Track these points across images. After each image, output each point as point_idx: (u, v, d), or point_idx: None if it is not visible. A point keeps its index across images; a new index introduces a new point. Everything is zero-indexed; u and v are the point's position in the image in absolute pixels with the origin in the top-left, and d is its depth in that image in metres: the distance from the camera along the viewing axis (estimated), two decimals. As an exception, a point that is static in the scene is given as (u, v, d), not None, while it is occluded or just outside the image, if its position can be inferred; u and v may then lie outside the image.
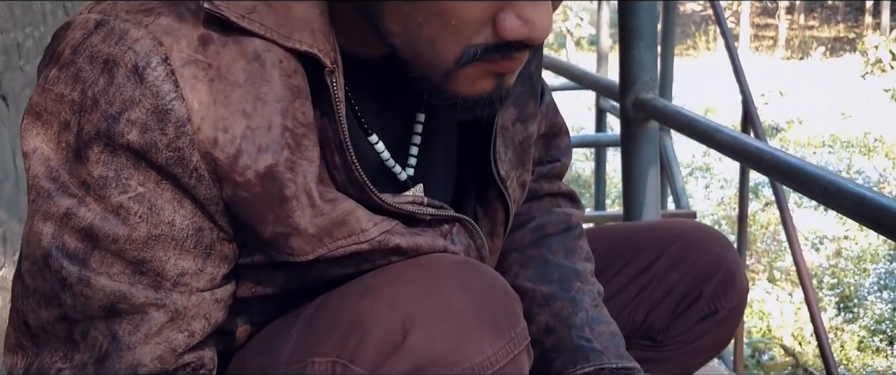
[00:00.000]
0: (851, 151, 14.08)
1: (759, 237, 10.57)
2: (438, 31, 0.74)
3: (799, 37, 26.24)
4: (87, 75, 0.72)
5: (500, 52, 0.76)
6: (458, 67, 0.76)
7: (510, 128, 0.97)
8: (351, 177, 0.80)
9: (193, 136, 0.72)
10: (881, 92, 17.74)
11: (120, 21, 0.72)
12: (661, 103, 2.04)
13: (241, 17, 0.74)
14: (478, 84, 0.78)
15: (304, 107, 0.77)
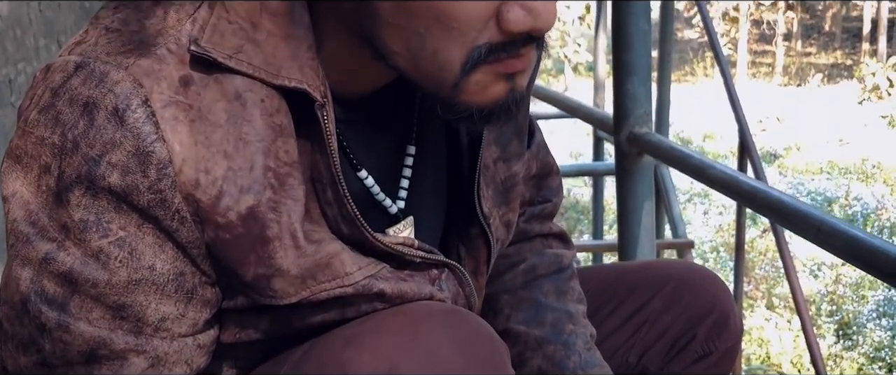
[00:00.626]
0: (849, 178, 14.11)
1: (758, 263, 10.56)
2: (441, 39, 0.72)
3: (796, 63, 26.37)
4: (67, 118, 0.71)
5: (505, 50, 0.73)
6: (464, 74, 0.74)
7: (492, 167, 0.96)
8: (343, 211, 0.80)
9: (175, 178, 0.72)
10: (878, 118, 17.80)
11: (100, 63, 0.72)
12: (656, 138, 2.04)
13: (229, 58, 0.73)
14: (490, 90, 0.76)
15: (287, 145, 0.76)
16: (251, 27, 0.74)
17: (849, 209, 12.46)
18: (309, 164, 0.79)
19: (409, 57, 0.74)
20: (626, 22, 2.07)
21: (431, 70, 0.74)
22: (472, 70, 0.74)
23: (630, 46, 2.07)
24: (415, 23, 0.72)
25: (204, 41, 0.73)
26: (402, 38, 0.73)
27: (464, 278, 0.94)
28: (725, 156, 14.81)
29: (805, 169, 14.77)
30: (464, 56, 0.73)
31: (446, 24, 0.71)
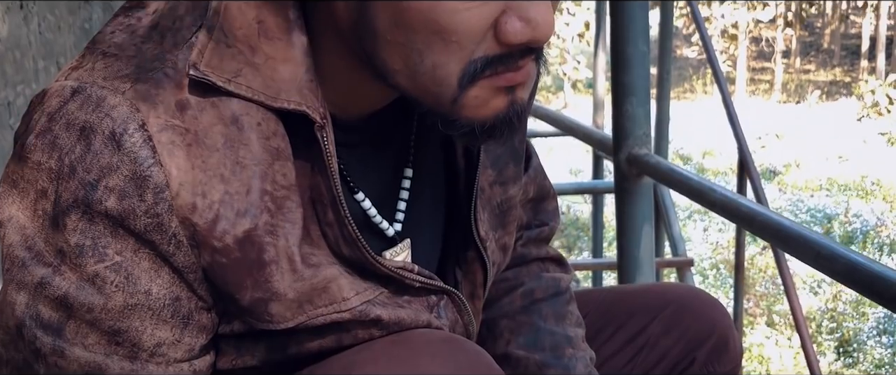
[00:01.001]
0: (849, 194, 14.12)
1: (758, 280, 10.55)
2: (440, 53, 0.72)
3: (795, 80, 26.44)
4: (63, 142, 0.71)
5: (503, 62, 0.72)
6: (462, 89, 0.73)
7: (487, 190, 0.96)
8: (344, 232, 0.79)
9: (172, 202, 0.72)
10: (878, 135, 17.84)
11: (96, 88, 0.72)
12: (655, 159, 2.04)
13: (228, 81, 0.73)
14: (490, 104, 0.75)
15: (285, 168, 0.76)
16: (250, 51, 0.74)
17: (848, 226, 12.46)
18: (308, 186, 0.78)
19: (409, 74, 0.74)
20: (624, 43, 2.08)
21: (430, 86, 0.74)
22: (470, 84, 0.73)
23: (629, 68, 2.07)
24: (413, 38, 0.71)
25: (203, 65, 0.73)
26: (401, 55, 0.73)
27: (463, 306, 0.93)
28: (725, 172, 14.82)
29: (804, 185, 14.79)
30: (461, 71, 0.72)
31: (445, 39, 0.71)
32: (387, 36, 0.72)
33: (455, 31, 0.70)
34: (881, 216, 12.76)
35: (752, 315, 9.83)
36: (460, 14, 0.70)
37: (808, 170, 15.75)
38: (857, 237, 12.08)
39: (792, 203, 13.44)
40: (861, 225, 12.40)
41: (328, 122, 0.76)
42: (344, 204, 0.77)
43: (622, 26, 2.08)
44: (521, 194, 1.04)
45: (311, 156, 0.77)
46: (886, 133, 17.78)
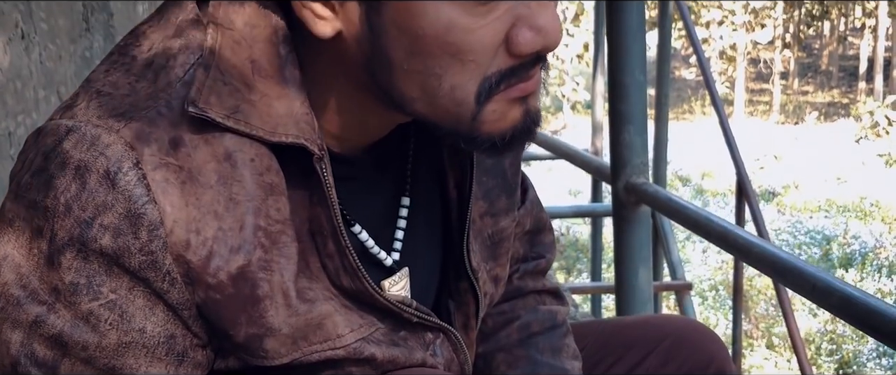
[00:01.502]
0: (848, 216, 14.12)
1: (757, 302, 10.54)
2: (458, 74, 0.73)
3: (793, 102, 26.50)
4: (59, 181, 0.72)
5: (516, 74, 0.74)
6: (480, 105, 0.74)
7: (478, 221, 0.96)
8: (345, 262, 0.80)
9: (166, 239, 0.72)
10: (876, 156, 17.86)
11: (91, 126, 0.72)
12: (653, 188, 2.05)
13: (226, 118, 0.74)
14: (507, 116, 0.77)
15: (278, 203, 0.77)
16: (246, 89, 0.75)
17: (847, 247, 12.47)
18: (307, 218, 0.79)
19: (427, 99, 0.75)
20: (621, 73, 2.09)
21: (450, 107, 0.75)
22: (488, 100, 0.74)
23: (626, 97, 2.09)
24: (431, 64, 0.73)
25: (201, 102, 0.73)
26: (417, 82, 0.74)
27: (459, 344, 0.94)
28: (724, 194, 14.84)
29: (803, 207, 14.80)
30: (477, 88, 0.74)
31: (462, 59, 0.72)
32: (403, 66, 0.73)
33: (471, 50, 0.72)
34: (880, 237, 12.76)
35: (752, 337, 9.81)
36: (475, 33, 0.71)
37: (807, 192, 15.77)
38: (856, 258, 12.08)
39: (791, 224, 13.45)
40: (860, 246, 12.40)
41: (326, 154, 0.77)
42: (344, 234, 0.78)
43: (619, 56, 2.09)
44: (515, 226, 1.05)
45: (310, 188, 0.78)
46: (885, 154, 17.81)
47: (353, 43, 0.74)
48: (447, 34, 0.71)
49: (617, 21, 2.09)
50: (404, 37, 0.72)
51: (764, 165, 17.31)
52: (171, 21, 0.78)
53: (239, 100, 0.75)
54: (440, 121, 0.77)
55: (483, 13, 0.71)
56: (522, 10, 0.72)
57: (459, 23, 0.71)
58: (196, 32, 0.76)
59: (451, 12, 0.70)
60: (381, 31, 0.72)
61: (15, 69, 1.65)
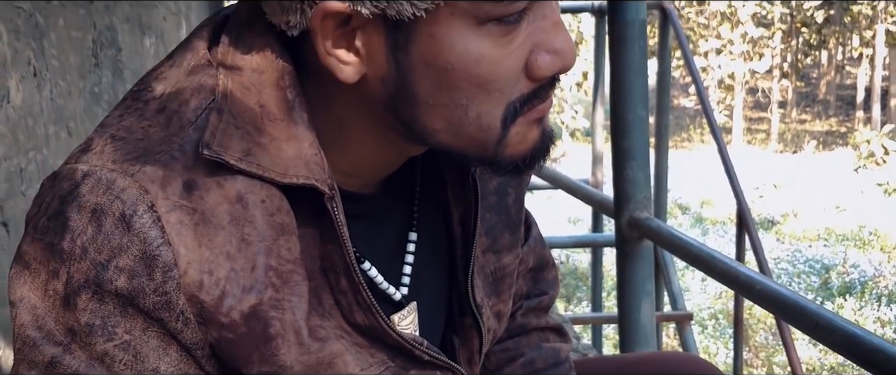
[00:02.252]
0: (847, 245, 14.10)
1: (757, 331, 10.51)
2: (484, 103, 0.75)
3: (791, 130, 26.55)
4: (75, 224, 0.73)
5: (537, 96, 0.77)
6: (505, 129, 0.77)
7: (480, 257, 0.98)
8: (358, 298, 0.81)
9: (180, 280, 0.73)
10: (875, 185, 17.87)
11: (107, 171, 0.74)
12: (656, 223, 2.07)
13: (240, 160, 0.75)
14: (527, 138, 0.80)
15: (289, 243, 0.78)
16: (256, 132, 0.77)
17: (846, 276, 12.44)
18: (319, 256, 0.80)
19: (451, 130, 0.77)
20: (624, 109, 2.11)
21: (476, 135, 0.77)
22: (512, 123, 0.77)
23: (629, 133, 2.11)
24: (457, 97, 0.75)
25: (215, 145, 0.75)
26: (442, 115, 0.76)
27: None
28: (723, 222, 14.83)
29: (802, 235, 14.78)
30: (503, 114, 0.76)
31: (488, 89, 0.74)
32: (429, 101, 0.75)
33: (497, 80, 0.74)
34: (879, 266, 12.74)
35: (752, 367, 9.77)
36: (501, 63, 0.74)
37: (806, 220, 15.76)
38: (855, 287, 12.06)
39: (790, 253, 13.43)
40: (859, 275, 12.38)
41: (336, 193, 0.79)
42: (357, 270, 0.79)
43: (622, 92, 2.11)
44: (518, 264, 1.06)
45: (321, 227, 0.79)
46: (883, 183, 17.83)
47: (377, 82, 0.76)
48: (476, 66, 0.73)
49: (619, 58, 2.11)
50: (431, 72, 0.74)
51: (763, 194, 17.32)
52: (183, 65, 0.80)
53: (250, 143, 0.76)
54: (465, 149, 0.79)
55: (506, 43, 0.73)
56: (539, 35, 0.75)
57: (487, 54, 0.73)
58: (207, 77, 0.78)
59: (478, 45, 0.73)
60: (408, 69, 0.74)
61: (27, 106, 1.67)
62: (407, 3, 0.70)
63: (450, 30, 0.72)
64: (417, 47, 0.73)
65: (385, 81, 0.76)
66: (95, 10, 2.20)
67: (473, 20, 0.71)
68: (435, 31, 0.72)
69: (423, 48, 0.73)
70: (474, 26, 0.72)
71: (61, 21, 1.93)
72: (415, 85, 0.75)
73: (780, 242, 14.22)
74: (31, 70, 1.73)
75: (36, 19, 1.77)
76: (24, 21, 1.71)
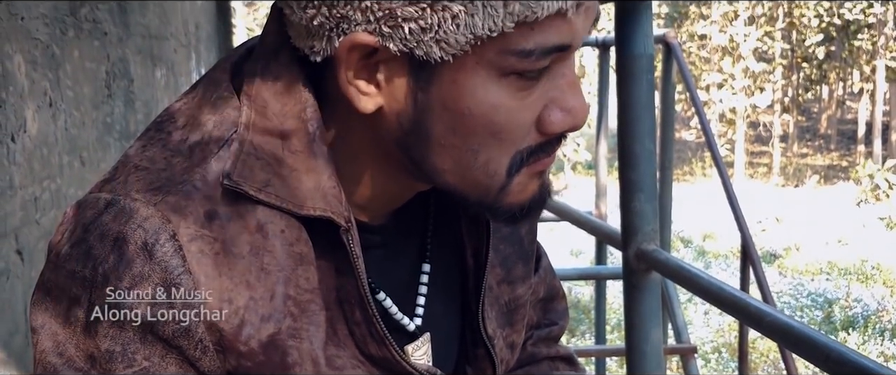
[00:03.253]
0: (849, 279, 14.05)
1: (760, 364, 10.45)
2: (494, 149, 0.76)
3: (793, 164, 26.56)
4: (98, 252, 0.74)
5: (544, 150, 0.78)
6: (510, 178, 0.78)
7: (495, 288, 0.98)
8: (372, 330, 0.82)
9: (199, 309, 0.74)
10: (877, 219, 17.85)
11: (129, 200, 0.75)
12: (664, 255, 2.07)
13: (259, 191, 0.77)
14: (528, 189, 0.81)
15: (307, 273, 0.79)
16: (276, 163, 0.78)
17: (849, 310, 12.39)
18: (334, 287, 0.81)
19: (458, 172, 0.78)
20: (631, 142, 2.12)
21: (482, 179, 0.78)
22: (517, 173, 0.78)
23: (636, 165, 2.11)
24: (470, 141, 0.76)
25: (236, 175, 0.76)
26: (452, 156, 0.77)
27: None
28: (726, 255, 14.80)
29: (805, 269, 14.74)
30: (509, 162, 0.77)
31: (500, 137, 0.76)
32: (441, 141, 0.76)
33: (510, 130, 0.75)
34: (882, 300, 12.70)
35: (756, 401, 9.70)
36: (516, 114, 0.75)
37: (809, 254, 15.72)
38: (858, 321, 12.01)
39: (793, 287, 13.39)
40: (862, 309, 12.33)
41: (353, 226, 0.80)
42: (371, 303, 0.80)
43: (630, 126, 2.12)
44: (530, 294, 1.07)
45: (337, 259, 0.80)
46: (885, 217, 17.80)
47: (393, 117, 0.77)
48: (492, 114, 0.74)
49: (627, 91, 2.12)
50: (448, 114, 0.75)
51: (765, 227, 17.29)
52: (206, 98, 0.81)
53: (270, 174, 0.77)
54: (467, 192, 0.80)
55: (524, 96, 0.75)
56: (555, 92, 0.76)
57: (505, 105, 0.74)
58: (229, 109, 0.80)
59: (498, 95, 0.74)
60: (426, 108, 0.75)
61: (42, 136, 1.68)
62: (436, 47, 0.71)
63: (473, 77, 0.73)
64: (439, 89, 0.74)
65: (401, 117, 0.77)
66: (109, 42, 2.22)
67: (497, 71, 0.73)
68: (458, 76, 0.73)
69: (444, 91, 0.74)
70: (497, 77, 0.73)
71: (76, 52, 1.95)
72: (430, 124, 0.76)
73: (782, 276, 14.18)
74: (47, 100, 1.75)
75: (52, 50, 1.79)
76: (42, 52, 1.74)
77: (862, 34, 25.29)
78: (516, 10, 0.69)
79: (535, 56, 0.72)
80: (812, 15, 25.39)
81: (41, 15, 1.73)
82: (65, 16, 1.87)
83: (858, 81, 27.57)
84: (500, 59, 0.72)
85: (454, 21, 0.70)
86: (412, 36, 0.71)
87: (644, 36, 2.09)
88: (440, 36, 0.71)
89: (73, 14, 1.93)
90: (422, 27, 0.71)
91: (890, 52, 24.78)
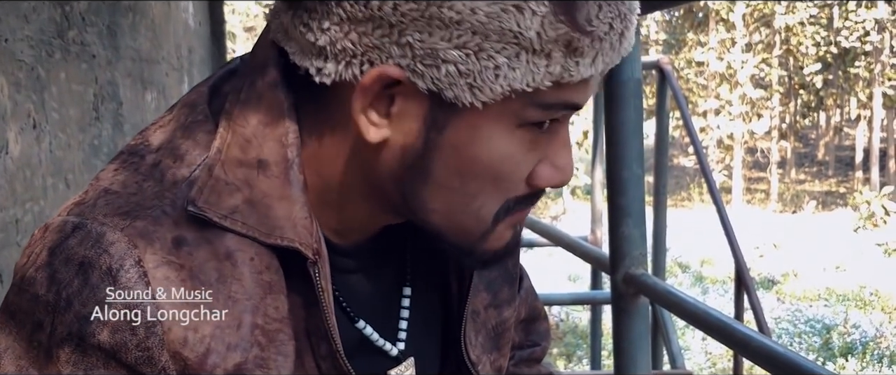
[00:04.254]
0: (847, 305, 14.02)
1: (757, 393, 10.41)
2: (489, 195, 0.76)
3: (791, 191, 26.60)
4: (62, 276, 0.73)
5: (529, 201, 0.79)
6: (494, 224, 0.78)
7: (482, 313, 0.97)
8: (336, 364, 0.81)
9: (163, 336, 0.73)
10: (874, 246, 17.84)
11: (97, 224, 0.74)
12: (652, 280, 2.06)
13: (224, 218, 0.75)
14: (504, 236, 0.81)
15: (277, 302, 0.78)
16: (247, 188, 0.77)
17: (847, 337, 12.36)
18: (303, 317, 0.80)
19: (448, 213, 0.78)
20: (620, 167, 2.12)
21: (469, 224, 0.78)
22: (501, 221, 0.79)
23: (625, 191, 2.11)
24: (470, 185, 0.76)
25: (201, 202, 0.75)
26: (447, 197, 0.77)
27: None
28: (723, 281, 14.77)
29: (803, 295, 14.71)
30: (497, 210, 0.78)
31: (498, 186, 0.76)
32: (440, 181, 0.76)
33: (510, 179, 0.76)
34: (880, 327, 12.67)
35: (753, 428, 9.65)
36: (520, 164, 0.75)
37: (806, 280, 15.70)
38: (857, 348, 11.97)
39: (790, 313, 13.36)
40: (860, 335, 12.30)
41: (322, 258, 0.78)
42: (336, 339, 0.79)
43: (617, 150, 2.12)
44: (514, 316, 1.06)
45: (306, 290, 0.79)
46: (883, 244, 17.81)
47: (397, 150, 0.76)
48: (499, 163, 0.75)
49: (615, 116, 2.12)
50: (457, 157, 0.74)
51: (763, 253, 17.29)
52: (181, 122, 0.80)
53: (239, 201, 0.76)
54: (449, 234, 0.79)
55: (529, 148, 0.75)
56: (551, 148, 0.77)
57: (514, 155, 0.75)
58: (202, 133, 0.79)
59: (510, 144, 0.74)
60: (435, 147, 0.74)
61: (25, 157, 1.68)
62: (468, 92, 0.71)
63: (492, 126, 0.73)
64: (455, 132, 0.73)
65: (405, 151, 0.75)
66: (97, 64, 2.22)
67: (516, 120, 0.73)
68: (478, 122, 0.73)
69: (460, 134, 0.73)
70: (513, 126, 0.73)
71: (63, 74, 1.95)
72: (434, 164, 0.75)
73: (780, 302, 14.15)
74: (31, 122, 1.74)
75: (37, 72, 1.79)
76: (26, 74, 1.73)
77: (859, 61, 25.42)
78: (557, 71, 0.70)
79: (555, 111, 0.73)
80: (810, 43, 25.53)
81: (26, 37, 1.73)
82: (51, 38, 1.87)
83: (856, 108, 27.69)
84: (523, 110, 0.73)
85: (495, 71, 0.70)
86: (447, 78, 0.71)
87: (632, 60, 2.09)
88: (477, 83, 0.70)
89: (61, 36, 1.93)
90: (461, 71, 0.70)
91: (888, 79, 24.89)
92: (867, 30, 24.44)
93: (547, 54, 0.70)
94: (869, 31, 24.44)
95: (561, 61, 0.70)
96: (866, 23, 24.35)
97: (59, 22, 1.93)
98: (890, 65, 25.06)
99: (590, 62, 0.71)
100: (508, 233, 0.81)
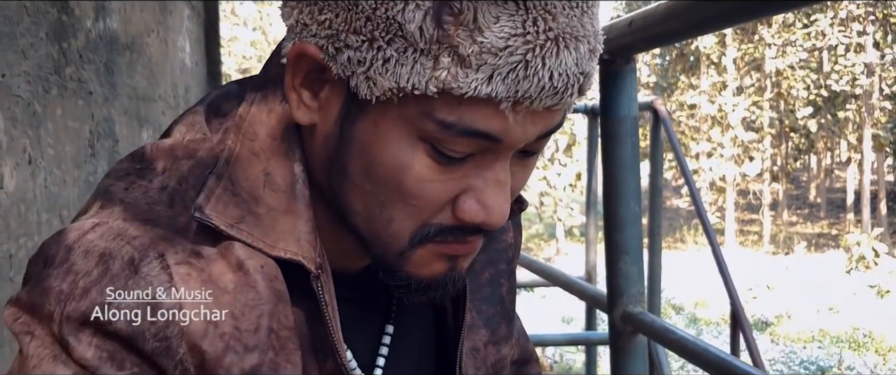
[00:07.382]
0: (841, 346, 14.00)
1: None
2: (399, 211, 0.74)
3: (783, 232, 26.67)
4: (80, 267, 0.72)
5: (453, 234, 0.75)
6: (411, 247, 0.76)
7: (483, 350, 0.97)
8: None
9: (183, 327, 0.72)
10: (867, 287, 17.86)
11: (118, 222, 0.74)
12: (650, 318, 2.05)
13: (231, 226, 0.75)
14: (431, 266, 0.78)
15: (285, 310, 0.77)
16: (253, 201, 0.77)
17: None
18: (307, 334, 0.80)
19: (367, 217, 0.77)
20: (617, 204, 2.11)
21: (383, 236, 0.77)
22: (420, 245, 0.76)
23: (622, 228, 2.11)
24: (378, 190, 0.74)
25: (208, 209, 0.75)
26: (363, 200, 0.76)
27: None
28: (717, 323, 14.75)
29: (797, 337, 14.69)
30: (414, 230, 0.75)
31: (406, 201, 0.74)
32: (355, 179, 0.75)
33: (417, 198, 0.74)
34: (874, 368, 12.65)
35: None
36: (425, 184, 0.73)
37: (800, 322, 15.70)
38: (852, 390, 11.94)
39: (785, 354, 13.33)
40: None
41: (325, 273, 0.78)
42: (342, 354, 0.79)
43: (615, 188, 2.12)
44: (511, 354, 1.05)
45: (309, 306, 0.79)
46: (875, 285, 17.83)
47: (321, 138, 0.77)
48: (400, 174, 0.73)
49: (612, 153, 2.12)
50: (364, 155, 0.74)
51: (756, 295, 17.29)
52: (181, 141, 0.80)
53: (245, 212, 0.76)
54: (371, 242, 0.78)
55: (439, 170, 0.73)
56: (478, 181, 0.74)
57: (415, 170, 0.72)
58: (204, 151, 0.79)
59: (410, 157, 0.72)
60: (347, 142, 0.74)
61: (20, 193, 1.67)
62: (365, 84, 0.71)
63: (392, 129, 0.72)
64: (361, 127, 0.73)
65: (328, 139, 0.76)
66: (94, 101, 2.22)
67: (416, 132, 0.71)
68: (379, 121, 0.72)
69: (365, 130, 0.73)
70: (414, 137, 0.71)
71: (59, 111, 1.95)
72: (349, 158, 0.75)
73: (774, 343, 14.13)
74: (27, 157, 1.74)
75: (34, 108, 1.79)
76: (22, 109, 1.73)
77: (849, 104, 25.64)
78: (443, 76, 0.68)
79: (455, 132, 0.70)
80: (800, 86, 25.75)
81: (24, 72, 1.73)
82: (49, 74, 1.87)
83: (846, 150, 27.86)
84: (420, 120, 0.70)
85: (385, 64, 0.69)
86: (350, 64, 0.71)
87: (628, 99, 2.10)
88: (370, 74, 0.70)
89: (58, 73, 1.93)
90: (358, 59, 0.70)
91: (878, 122, 25.08)
92: (856, 75, 24.69)
93: (434, 57, 0.68)
94: (857, 76, 24.69)
95: (448, 67, 0.68)
96: (856, 67, 24.61)
97: (57, 58, 1.93)
98: (879, 108, 25.28)
99: (484, 79, 0.68)
100: (439, 265, 0.78)
